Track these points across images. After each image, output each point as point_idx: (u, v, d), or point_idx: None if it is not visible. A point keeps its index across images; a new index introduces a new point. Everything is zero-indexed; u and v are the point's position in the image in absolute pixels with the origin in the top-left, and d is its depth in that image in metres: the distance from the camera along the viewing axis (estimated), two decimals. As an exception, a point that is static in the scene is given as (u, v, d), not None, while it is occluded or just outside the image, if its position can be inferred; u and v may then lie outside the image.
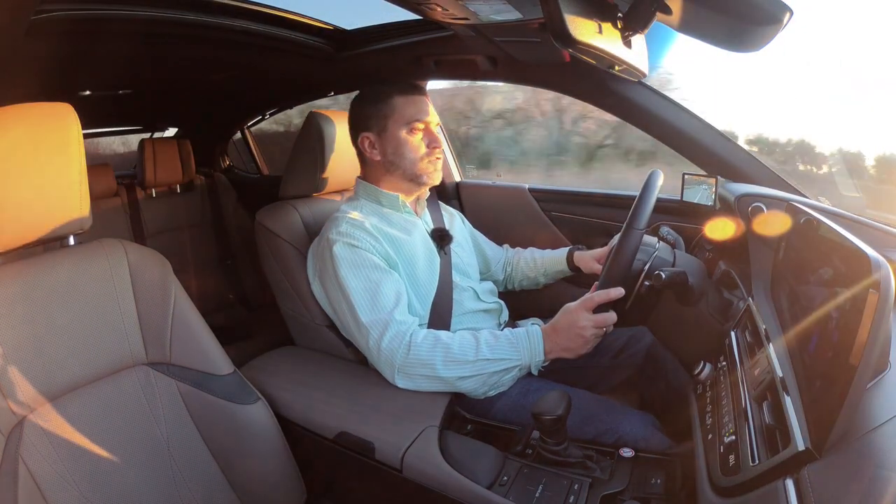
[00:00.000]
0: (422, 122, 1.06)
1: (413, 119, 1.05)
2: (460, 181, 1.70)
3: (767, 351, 0.64)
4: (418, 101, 1.07)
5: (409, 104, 1.06)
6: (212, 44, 1.29)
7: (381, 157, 1.09)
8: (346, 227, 0.99)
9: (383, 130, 1.07)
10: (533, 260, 1.34)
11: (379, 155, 1.09)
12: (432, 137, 1.08)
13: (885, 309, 0.42)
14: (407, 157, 1.06)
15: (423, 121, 1.06)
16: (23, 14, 0.83)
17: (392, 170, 1.09)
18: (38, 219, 0.77)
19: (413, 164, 1.07)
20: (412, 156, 1.06)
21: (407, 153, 1.06)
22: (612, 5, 0.77)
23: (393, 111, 1.06)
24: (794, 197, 0.93)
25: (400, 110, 1.06)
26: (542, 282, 1.34)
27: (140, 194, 2.06)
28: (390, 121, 1.06)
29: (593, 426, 0.90)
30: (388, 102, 1.06)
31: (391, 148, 1.07)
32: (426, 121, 1.07)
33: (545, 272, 1.32)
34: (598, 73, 1.09)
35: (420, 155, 1.07)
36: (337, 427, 0.89)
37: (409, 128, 1.06)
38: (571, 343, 0.87)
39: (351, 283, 0.95)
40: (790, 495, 0.45)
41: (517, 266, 1.36)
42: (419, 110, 1.06)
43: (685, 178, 1.17)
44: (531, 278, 1.34)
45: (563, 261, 1.27)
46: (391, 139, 1.06)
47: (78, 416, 0.78)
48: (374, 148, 1.09)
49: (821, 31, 1.13)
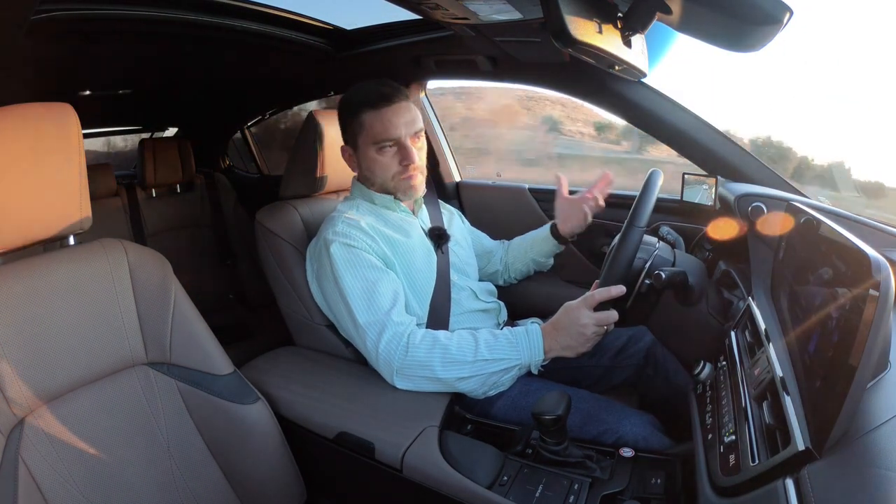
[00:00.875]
0: (390, 141, 1.02)
1: (381, 139, 1.01)
2: (460, 181, 1.70)
3: (767, 351, 0.64)
4: (388, 115, 1.00)
5: (377, 121, 1.00)
6: (212, 43, 1.29)
7: (358, 171, 1.10)
8: (343, 226, 0.99)
9: (356, 147, 1.06)
10: (521, 238, 1.33)
11: (356, 168, 1.10)
12: (405, 154, 1.02)
13: (885, 309, 0.42)
14: (378, 175, 1.05)
15: (392, 138, 1.01)
16: (23, 14, 0.83)
17: (369, 184, 1.09)
18: (38, 219, 0.77)
19: (385, 182, 1.06)
20: (383, 174, 1.04)
21: (378, 171, 1.04)
22: (612, 5, 0.77)
23: (362, 129, 1.02)
24: (794, 197, 0.93)
25: (368, 128, 1.02)
26: (535, 259, 1.30)
27: (140, 194, 2.06)
28: (360, 139, 1.04)
29: (593, 426, 0.90)
30: (358, 119, 1.02)
31: (364, 164, 1.07)
32: (395, 138, 1.01)
33: (532, 246, 1.29)
34: (598, 73, 1.09)
35: (391, 174, 1.04)
36: (337, 427, 0.89)
37: (378, 147, 1.02)
38: (572, 341, 0.87)
39: (348, 283, 0.95)
40: (790, 495, 0.45)
41: (509, 250, 1.35)
42: (387, 127, 1.00)
43: (685, 178, 1.17)
44: (523, 257, 1.31)
45: (546, 231, 1.26)
46: (363, 157, 1.06)
47: (78, 415, 0.78)
48: (352, 160, 1.10)
49: (820, 30, 1.13)
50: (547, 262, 1.31)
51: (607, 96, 1.20)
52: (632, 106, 1.18)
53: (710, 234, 1.06)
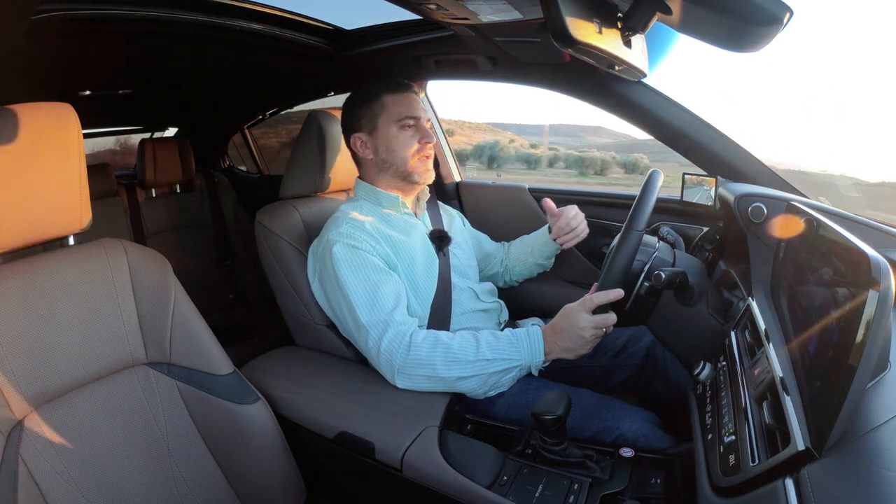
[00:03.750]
0: (412, 119, 1.07)
1: (403, 116, 1.06)
2: (460, 181, 1.70)
3: (767, 351, 0.64)
4: (408, 98, 1.08)
5: (398, 102, 1.07)
6: (212, 44, 1.29)
7: (374, 156, 1.09)
8: (347, 227, 0.99)
9: (374, 129, 1.08)
10: (521, 241, 1.34)
11: (371, 153, 1.09)
12: (423, 133, 1.08)
13: (885, 309, 0.42)
14: (398, 153, 1.07)
15: (414, 117, 1.07)
16: (23, 14, 0.83)
17: (385, 168, 1.09)
18: (38, 219, 0.77)
19: (404, 162, 1.07)
20: (403, 153, 1.07)
21: (398, 150, 1.07)
22: (612, 5, 0.77)
23: (383, 109, 1.07)
24: (795, 197, 0.93)
25: (390, 108, 1.06)
26: (537, 263, 1.31)
27: (140, 194, 2.06)
28: (380, 119, 1.07)
29: (593, 423, 0.90)
30: (378, 101, 1.07)
31: (383, 146, 1.07)
32: (416, 117, 1.07)
33: (533, 250, 1.30)
34: (598, 73, 1.09)
35: (412, 151, 1.07)
36: (337, 427, 0.89)
37: (400, 125, 1.06)
38: (571, 344, 0.87)
39: (351, 283, 0.95)
40: (790, 495, 0.45)
41: (509, 252, 1.36)
42: (409, 107, 1.07)
43: (685, 178, 1.17)
44: (524, 262, 1.32)
45: (545, 233, 1.27)
46: (382, 137, 1.07)
47: (78, 416, 0.78)
48: (366, 147, 1.09)
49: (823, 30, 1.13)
50: (548, 263, 1.32)
51: (607, 96, 1.20)
52: (632, 106, 1.18)
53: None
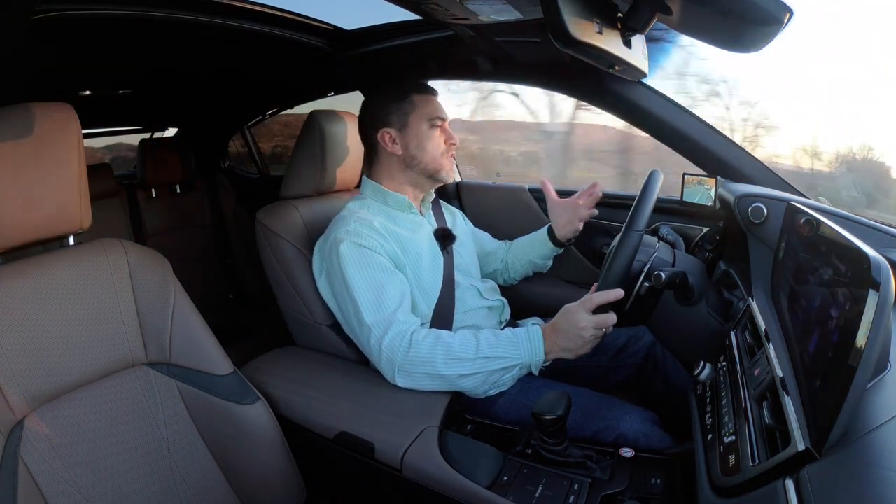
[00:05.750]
0: (440, 119, 1.10)
1: (434, 115, 1.09)
2: (460, 181, 1.70)
3: (767, 351, 0.64)
4: (435, 100, 1.12)
5: (428, 102, 1.10)
6: (212, 43, 1.29)
7: (403, 152, 1.10)
8: (355, 225, 1.00)
9: (405, 126, 1.09)
10: (522, 240, 1.36)
11: (401, 149, 1.10)
12: (449, 135, 1.12)
13: (885, 309, 0.42)
14: (429, 151, 1.09)
15: (442, 118, 1.11)
16: (23, 14, 0.83)
17: (412, 164, 1.10)
18: (38, 219, 0.77)
19: (434, 160, 1.10)
20: (433, 150, 1.09)
21: (430, 147, 1.09)
22: (612, 5, 0.77)
23: (414, 108, 1.09)
24: (794, 197, 0.93)
25: (420, 107, 1.09)
26: (533, 261, 1.32)
27: (140, 194, 2.06)
28: (412, 116, 1.08)
29: (593, 422, 0.90)
30: (409, 99, 1.09)
31: (414, 142, 1.09)
32: (444, 118, 1.11)
33: (532, 248, 1.31)
34: (598, 73, 1.09)
35: (441, 150, 1.10)
36: (337, 427, 0.89)
37: (431, 123, 1.09)
38: (571, 344, 0.87)
39: (357, 282, 0.95)
40: (790, 495, 0.45)
41: (510, 250, 1.37)
42: (438, 108, 1.11)
43: (685, 178, 1.17)
44: (521, 258, 1.33)
45: (544, 232, 1.28)
46: (414, 134, 1.08)
47: (78, 416, 0.78)
48: (395, 143, 1.10)
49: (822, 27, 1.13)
50: (545, 263, 1.33)
51: (607, 96, 1.20)
52: (632, 106, 1.18)
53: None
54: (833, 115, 1.40)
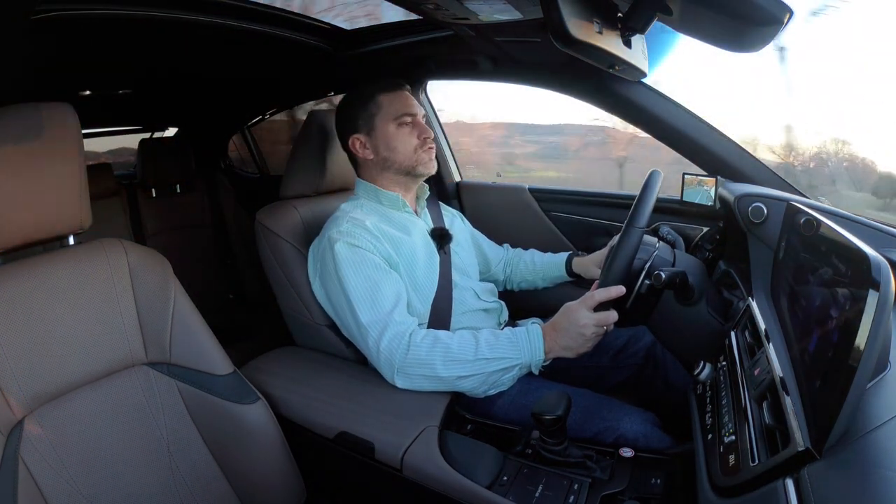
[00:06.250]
0: (409, 115, 1.08)
1: (400, 113, 1.07)
2: (460, 181, 1.70)
3: (767, 351, 0.64)
4: (402, 96, 1.09)
5: (393, 100, 1.08)
6: (212, 44, 1.29)
7: (374, 156, 1.09)
8: (348, 226, 0.99)
9: (372, 129, 1.08)
10: (532, 263, 1.34)
11: (371, 153, 1.09)
12: (421, 128, 1.09)
13: (885, 309, 0.42)
14: (400, 150, 1.08)
15: (410, 114, 1.08)
16: (23, 14, 0.83)
17: (387, 166, 1.09)
18: (38, 219, 0.77)
19: (407, 157, 1.08)
20: (404, 149, 1.08)
21: (400, 147, 1.07)
22: (612, 5, 0.77)
23: (379, 108, 1.07)
24: (794, 197, 0.93)
25: (386, 107, 1.07)
26: (540, 285, 1.34)
27: (140, 194, 2.06)
28: (377, 118, 1.07)
29: (593, 423, 0.90)
30: (374, 101, 1.08)
31: (382, 144, 1.08)
32: (413, 113, 1.08)
33: (544, 276, 1.32)
34: (598, 73, 1.09)
35: (413, 147, 1.08)
36: (337, 427, 0.89)
37: (398, 122, 1.07)
38: (572, 342, 0.87)
39: (351, 282, 0.95)
40: (790, 495, 0.45)
41: (516, 267, 1.36)
42: (405, 105, 1.08)
43: (685, 178, 1.17)
44: (530, 281, 1.34)
45: (561, 266, 1.28)
46: (381, 136, 1.07)
47: (78, 416, 0.78)
48: (365, 148, 1.09)
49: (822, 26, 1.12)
50: (552, 285, 1.34)
51: (607, 96, 1.21)
52: (632, 106, 1.18)
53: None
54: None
